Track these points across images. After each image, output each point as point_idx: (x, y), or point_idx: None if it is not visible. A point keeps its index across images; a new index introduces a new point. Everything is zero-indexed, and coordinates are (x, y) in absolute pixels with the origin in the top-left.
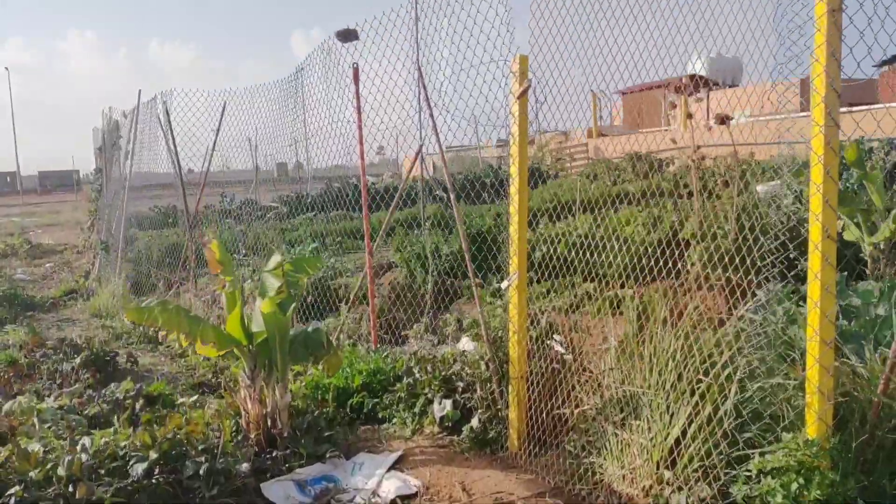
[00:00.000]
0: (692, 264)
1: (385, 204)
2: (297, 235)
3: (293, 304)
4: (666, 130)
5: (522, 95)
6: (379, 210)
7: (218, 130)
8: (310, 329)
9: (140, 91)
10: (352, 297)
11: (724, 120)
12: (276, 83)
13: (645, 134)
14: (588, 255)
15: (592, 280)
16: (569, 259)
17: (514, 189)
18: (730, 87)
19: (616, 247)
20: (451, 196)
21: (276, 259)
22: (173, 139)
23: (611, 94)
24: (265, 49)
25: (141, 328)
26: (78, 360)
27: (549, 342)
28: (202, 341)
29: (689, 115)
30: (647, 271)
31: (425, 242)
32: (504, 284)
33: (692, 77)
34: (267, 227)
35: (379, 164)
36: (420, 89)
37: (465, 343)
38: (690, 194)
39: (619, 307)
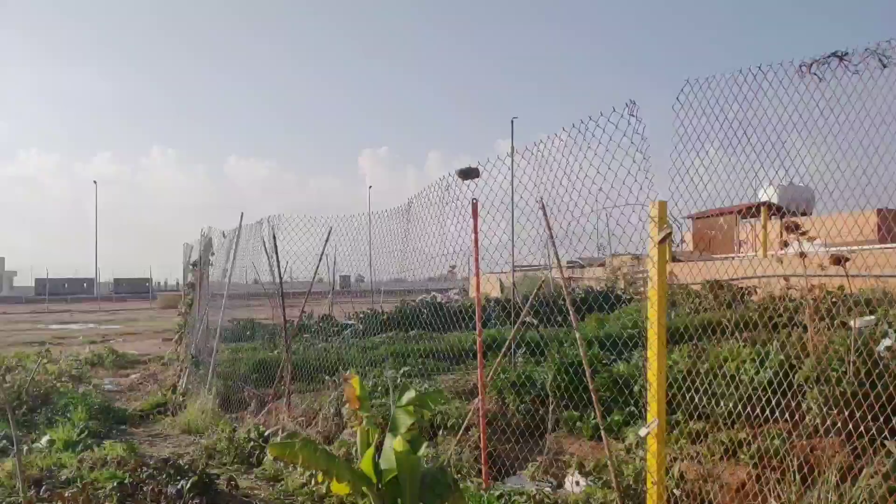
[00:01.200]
0: (808, 409)
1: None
2: (379, 354)
3: (424, 443)
4: (741, 257)
5: (663, 241)
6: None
7: (322, 254)
8: (434, 468)
9: (242, 213)
10: (454, 425)
11: (839, 261)
12: (388, 213)
13: (722, 260)
14: (693, 392)
15: (697, 420)
16: (669, 395)
17: (651, 333)
18: (802, 215)
19: (723, 385)
20: (572, 315)
21: (410, 395)
22: (278, 259)
23: (681, 218)
24: (334, 164)
25: (235, 448)
26: (184, 484)
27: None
28: (337, 479)
29: (797, 230)
30: (759, 412)
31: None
32: (643, 432)
33: (765, 204)
34: (347, 345)
35: (439, 279)
36: (545, 227)
37: (577, 483)
38: (776, 327)
39: (735, 452)
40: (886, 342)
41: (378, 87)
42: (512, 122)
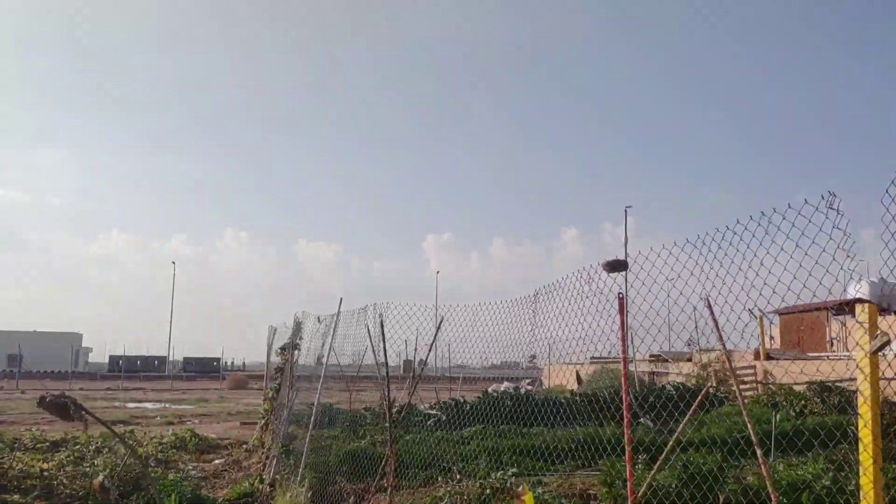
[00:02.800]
0: None
1: (553, 417)
2: (470, 450)
3: None
4: (844, 357)
5: (878, 351)
6: (546, 421)
7: (433, 343)
8: None
9: (341, 299)
10: None
11: None
12: (506, 303)
13: (824, 360)
14: None
15: None
16: None
17: (864, 457)
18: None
19: None
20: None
21: None
22: (384, 346)
23: (768, 313)
24: (399, 249)
25: None
26: None
27: None
28: None
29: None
30: None
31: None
32: None
33: (858, 301)
34: (433, 437)
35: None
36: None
37: None
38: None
39: None
40: None
41: (443, 174)
42: (626, 210)
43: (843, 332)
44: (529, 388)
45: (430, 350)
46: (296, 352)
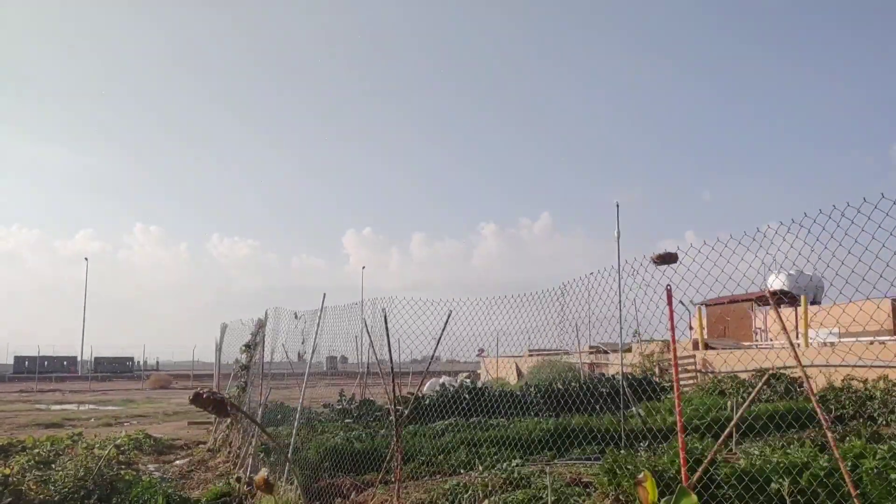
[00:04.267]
0: None
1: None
2: (445, 443)
3: None
4: (779, 346)
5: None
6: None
7: (440, 338)
8: None
9: (325, 294)
10: None
11: None
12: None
13: (758, 349)
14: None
15: None
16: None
17: None
18: (811, 304)
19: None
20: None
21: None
22: (388, 341)
23: (692, 304)
24: (317, 245)
25: None
26: None
27: None
28: None
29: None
30: None
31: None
32: None
33: (779, 292)
34: (406, 431)
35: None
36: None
37: None
38: (838, 419)
39: None
40: None
41: (358, 171)
42: (617, 205)
43: (766, 322)
44: (468, 381)
45: (437, 344)
46: (263, 349)
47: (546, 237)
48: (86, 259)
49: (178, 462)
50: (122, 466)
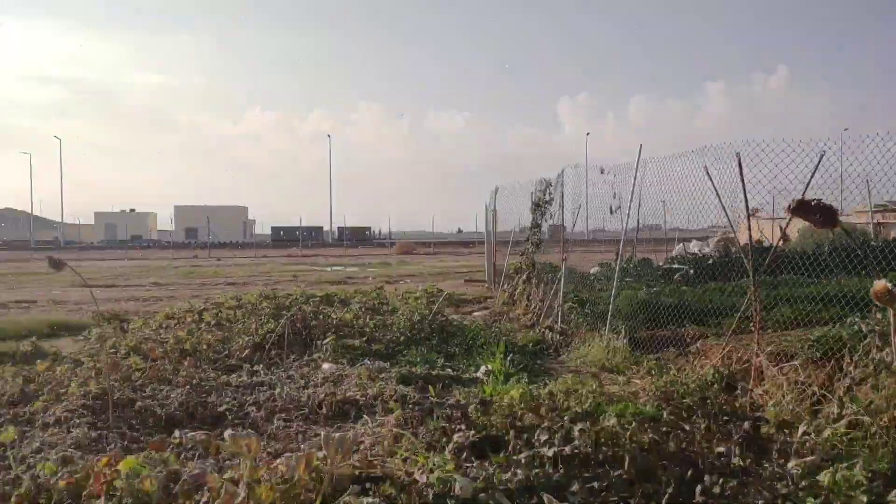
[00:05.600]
0: None
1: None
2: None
3: None
4: None
5: None
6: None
7: (808, 184)
8: None
9: (641, 146)
10: None
11: None
12: None
13: None
14: None
15: None
16: None
17: None
18: None
19: None
20: None
21: None
22: (745, 194)
23: None
24: (530, 114)
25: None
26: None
27: None
28: None
29: None
30: None
31: None
32: None
33: None
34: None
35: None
36: None
37: None
38: None
39: None
40: None
41: (574, 29)
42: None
43: None
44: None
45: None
46: (563, 210)
47: (781, 94)
48: (328, 136)
49: (476, 313)
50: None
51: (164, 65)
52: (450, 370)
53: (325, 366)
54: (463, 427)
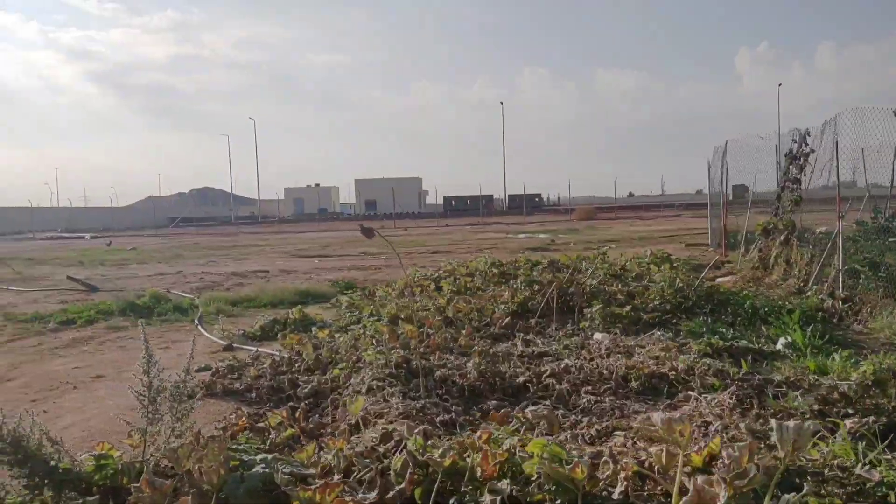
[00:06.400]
0: None
1: None
2: None
3: None
4: None
5: None
6: None
7: None
8: None
9: None
10: None
11: None
12: None
13: None
14: None
15: None
16: None
17: None
18: None
19: None
20: None
21: None
22: None
23: None
24: (705, 69)
25: None
26: None
27: None
28: None
29: None
30: None
31: None
32: None
33: None
34: None
35: None
36: None
37: None
38: None
39: None
40: None
41: None
42: None
43: None
44: None
45: None
46: (823, 163)
47: None
48: (501, 103)
49: (720, 279)
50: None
51: (336, 43)
52: (745, 342)
53: (598, 335)
54: (848, 409)
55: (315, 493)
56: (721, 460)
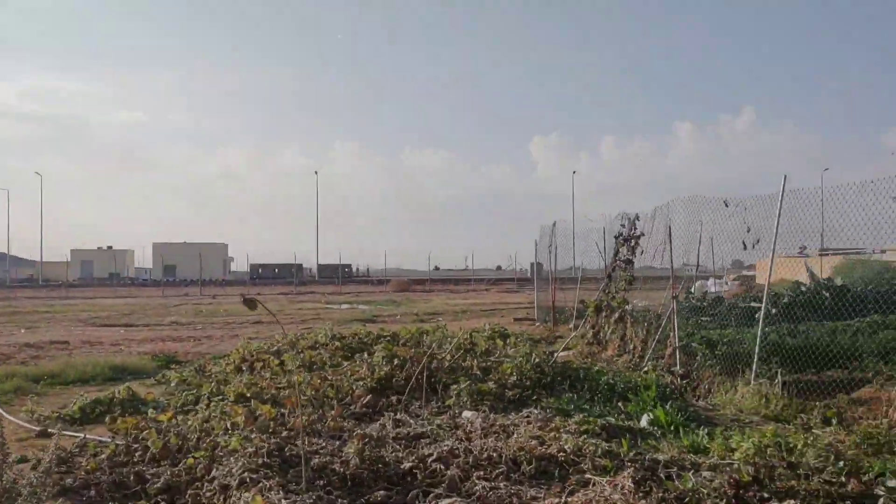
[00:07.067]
0: None
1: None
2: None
3: None
4: None
5: None
6: None
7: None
8: None
9: (785, 176)
10: None
11: None
12: None
13: None
14: None
15: None
16: None
17: None
18: None
19: None
20: None
21: None
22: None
23: None
24: (506, 153)
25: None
26: None
27: None
28: None
29: None
30: None
31: None
32: None
33: None
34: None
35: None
36: None
37: None
38: None
39: None
40: None
41: (548, 68)
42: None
43: None
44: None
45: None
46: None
47: (750, 134)
48: (315, 173)
49: (559, 354)
50: None
51: (140, 102)
52: (612, 419)
53: (467, 413)
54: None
55: None
56: None
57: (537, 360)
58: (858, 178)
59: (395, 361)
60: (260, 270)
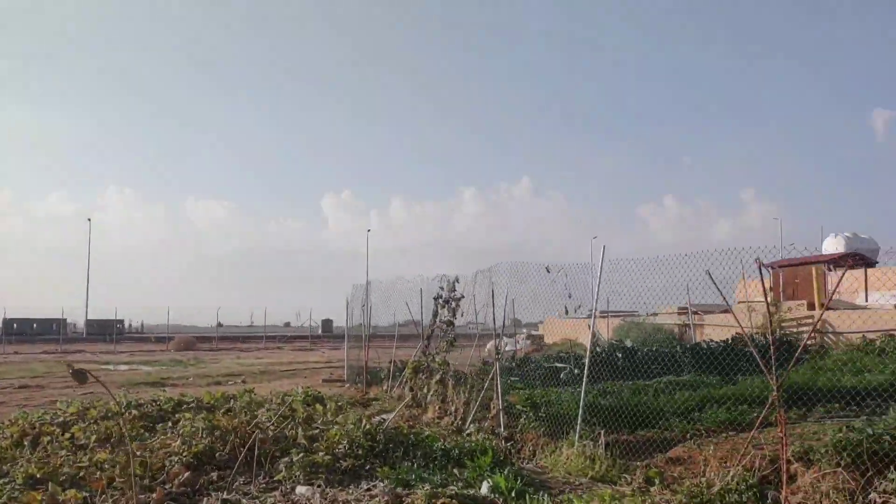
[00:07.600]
0: None
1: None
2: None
3: None
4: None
5: None
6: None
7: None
8: None
9: (604, 247)
10: None
11: None
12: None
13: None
14: None
15: None
16: None
17: None
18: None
19: None
20: None
21: None
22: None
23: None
24: (296, 208)
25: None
26: None
27: None
28: None
29: None
30: None
31: None
32: None
33: (851, 255)
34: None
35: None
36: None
37: None
38: None
39: None
40: None
41: (339, 133)
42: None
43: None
44: (528, 343)
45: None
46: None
47: (528, 201)
48: (88, 220)
49: (383, 416)
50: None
51: None
52: (454, 488)
53: (301, 489)
54: None
55: None
56: None
57: (367, 426)
58: (622, 243)
59: (217, 433)
60: (15, 326)
